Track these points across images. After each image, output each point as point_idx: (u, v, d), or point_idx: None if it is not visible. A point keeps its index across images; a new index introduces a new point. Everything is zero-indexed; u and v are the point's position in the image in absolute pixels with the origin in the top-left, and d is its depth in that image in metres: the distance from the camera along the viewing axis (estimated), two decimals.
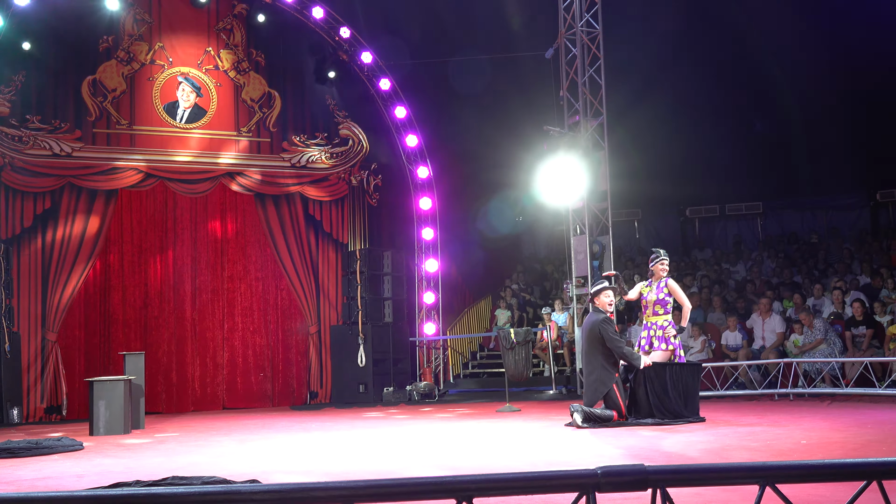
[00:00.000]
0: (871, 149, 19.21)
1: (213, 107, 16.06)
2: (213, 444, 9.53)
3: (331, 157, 16.83)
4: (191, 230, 15.89)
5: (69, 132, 15.02)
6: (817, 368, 12.89)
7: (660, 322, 10.22)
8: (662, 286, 10.24)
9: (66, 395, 14.56)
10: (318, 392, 16.36)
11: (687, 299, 10.41)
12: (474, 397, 15.79)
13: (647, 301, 10.33)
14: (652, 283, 10.37)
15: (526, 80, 18.06)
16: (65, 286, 14.67)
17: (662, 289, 10.22)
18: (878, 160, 19.33)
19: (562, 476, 2.19)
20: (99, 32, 15.40)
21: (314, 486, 2.15)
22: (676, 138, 19.11)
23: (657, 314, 10.26)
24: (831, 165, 19.87)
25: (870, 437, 7.64)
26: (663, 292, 10.21)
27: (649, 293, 10.32)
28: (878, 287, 14.90)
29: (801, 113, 18.77)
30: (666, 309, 10.22)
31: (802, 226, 20.93)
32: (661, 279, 10.28)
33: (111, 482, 6.13)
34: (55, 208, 14.87)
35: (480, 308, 19.10)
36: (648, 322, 10.35)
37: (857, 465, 2.22)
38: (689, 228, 21.92)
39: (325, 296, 16.62)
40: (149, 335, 15.41)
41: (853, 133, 18.98)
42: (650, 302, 10.29)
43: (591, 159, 14.66)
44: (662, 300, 10.21)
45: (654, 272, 10.38)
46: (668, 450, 7.44)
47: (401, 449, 8.33)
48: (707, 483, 2.24)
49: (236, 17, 16.42)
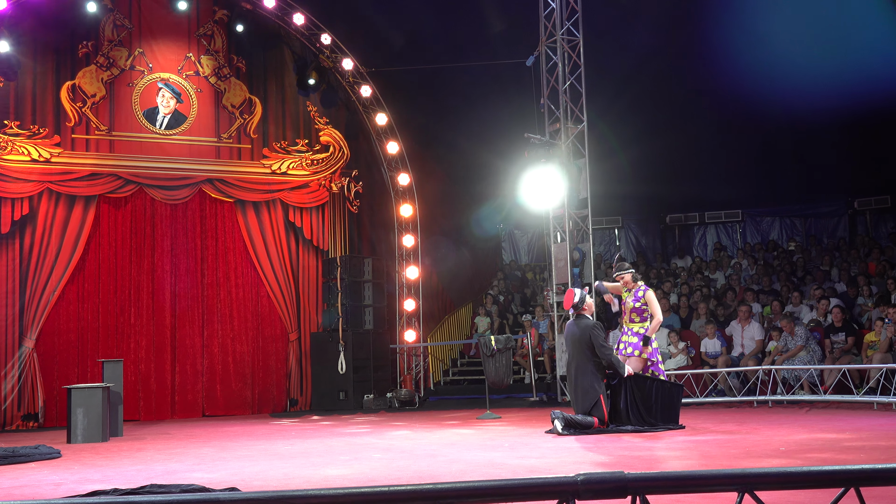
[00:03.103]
0: (849, 157, 19.36)
1: (193, 113, 16.01)
2: (191, 451, 9.47)
3: (311, 164, 16.81)
4: (170, 237, 15.80)
5: (48, 138, 14.93)
6: (796, 375, 12.97)
7: (635, 329, 10.29)
8: (640, 295, 10.29)
9: (44, 403, 14.43)
10: (298, 399, 16.30)
11: (660, 312, 10.42)
12: (455, 404, 15.77)
13: (626, 307, 10.41)
14: (629, 290, 10.42)
15: (507, 87, 18.10)
16: (43, 292, 14.57)
17: (640, 298, 10.28)
18: (856, 168, 19.50)
19: (541, 484, 2.19)
20: (78, 38, 15.33)
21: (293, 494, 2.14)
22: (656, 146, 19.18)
23: (633, 321, 10.33)
24: (810, 174, 20.03)
25: (848, 444, 7.69)
26: (640, 301, 10.26)
27: (628, 299, 10.40)
28: (853, 296, 15.03)
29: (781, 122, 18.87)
30: (642, 317, 10.28)
31: (781, 233, 21.09)
32: (636, 287, 10.35)
33: (89, 490, 6.09)
34: (33, 214, 14.77)
35: (461, 315, 19.10)
36: (626, 327, 10.43)
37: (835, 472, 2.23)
38: (670, 235, 22.01)
39: (306, 302, 16.58)
40: (127, 342, 15.30)
41: (832, 141, 19.12)
42: (627, 309, 10.38)
43: (571, 167, 14.71)
44: (639, 309, 10.27)
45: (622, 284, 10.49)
46: (647, 457, 7.46)
47: (380, 457, 8.30)
48: (686, 490, 2.25)
49: (217, 23, 16.38)
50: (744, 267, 18.51)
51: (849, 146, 19.23)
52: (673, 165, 19.71)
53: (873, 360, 12.44)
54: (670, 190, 20.61)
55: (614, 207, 20.83)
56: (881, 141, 19.03)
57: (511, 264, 21.93)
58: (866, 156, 19.26)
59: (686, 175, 20.15)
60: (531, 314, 17.61)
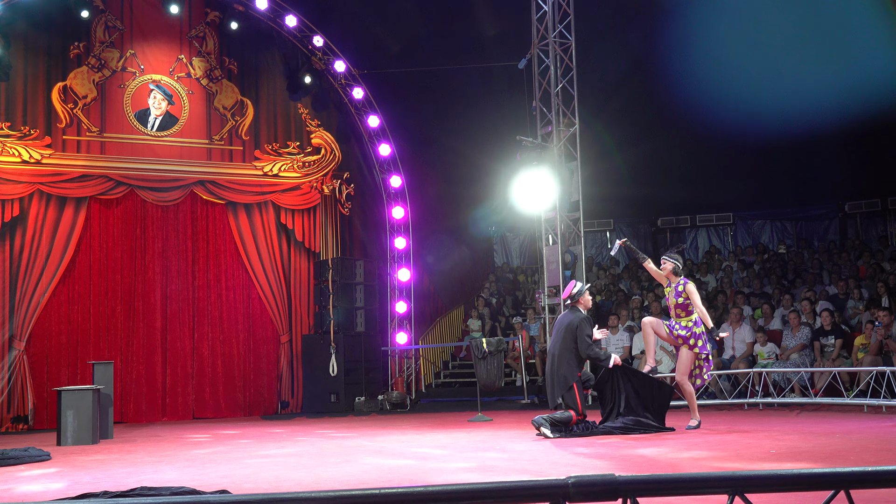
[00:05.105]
0: (840, 161, 19.42)
1: (184, 114, 15.98)
2: (182, 454, 9.44)
3: (303, 166, 16.80)
4: (161, 238, 15.76)
5: (39, 139, 14.89)
6: (787, 378, 13.01)
7: (683, 323, 10.07)
8: (680, 290, 10.07)
9: (34, 405, 14.37)
10: (289, 402, 16.27)
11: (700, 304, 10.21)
12: (446, 407, 15.77)
13: (669, 304, 10.23)
14: (670, 283, 10.21)
15: (499, 90, 18.13)
16: (33, 294, 14.52)
17: (681, 293, 10.07)
18: (846, 172, 19.57)
19: (532, 486, 2.19)
20: (70, 39, 15.30)
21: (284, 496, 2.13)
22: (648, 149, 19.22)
23: (680, 316, 10.10)
24: (801, 177, 20.09)
25: (838, 447, 7.70)
26: (682, 296, 10.07)
27: (670, 295, 10.20)
28: (843, 297, 15.08)
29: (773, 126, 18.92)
30: (687, 311, 10.04)
31: (773, 236, 21.15)
32: (677, 282, 10.22)
33: (79, 493, 6.06)
34: (24, 216, 14.72)
35: (453, 317, 19.10)
36: (674, 322, 10.16)
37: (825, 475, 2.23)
38: (661, 238, 22.05)
39: (297, 305, 16.56)
40: (118, 344, 15.24)
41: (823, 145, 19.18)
42: (671, 305, 10.18)
43: (563, 169, 14.73)
44: (683, 304, 10.05)
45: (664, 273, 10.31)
46: (638, 459, 7.46)
47: (371, 459, 8.29)
48: (677, 492, 2.25)
49: (209, 25, 16.36)
50: (735, 270, 18.55)
51: (840, 150, 19.28)
52: (664, 168, 19.75)
53: (863, 362, 12.48)
54: (662, 193, 20.66)
55: (606, 210, 20.86)
56: (872, 145, 19.11)
57: (503, 267, 21.95)
58: (857, 159, 19.33)
59: (677, 178, 20.20)
60: (523, 317, 17.62)
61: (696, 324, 10.05)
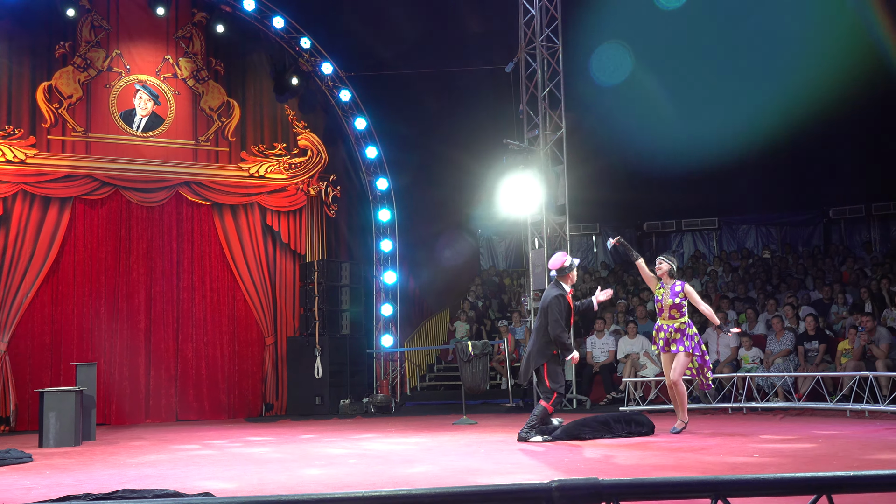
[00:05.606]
0: (823, 166, 19.54)
1: (170, 115, 15.93)
2: (165, 456, 9.41)
3: (289, 168, 16.77)
4: (147, 239, 15.69)
5: (23, 138, 14.80)
6: (771, 382, 13.06)
7: (676, 325, 10.03)
8: (678, 290, 10.03)
9: (16, 406, 14.28)
10: (273, 404, 16.22)
11: (703, 302, 10.23)
12: (431, 410, 15.76)
13: (663, 304, 10.12)
14: (664, 284, 10.17)
15: (486, 93, 18.15)
16: (16, 295, 14.43)
17: (678, 293, 10.04)
18: (830, 178, 19.68)
19: (516, 490, 2.19)
20: (56, 38, 15.21)
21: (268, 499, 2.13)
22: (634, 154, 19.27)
23: (673, 317, 10.05)
24: (786, 182, 20.20)
25: (821, 451, 7.74)
26: (679, 296, 10.04)
27: (664, 296, 10.12)
28: (827, 302, 15.17)
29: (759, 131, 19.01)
30: (682, 312, 10.03)
31: (757, 241, 21.26)
32: (672, 282, 10.20)
33: (60, 495, 6.03)
34: (7, 216, 14.63)
35: (438, 320, 19.10)
36: (665, 325, 10.11)
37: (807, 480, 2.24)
38: (647, 242, 22.12)
39: (283, 307, 16.52)
40: (101, 345, 15.15)
41: (807, 151, 19.29)
42: (666, 305, 10.09)
43: (549, 173, 14.75)
44: (678, 304, 10.02)
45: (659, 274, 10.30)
46: (622, 463, 7.48)
47: (355, 462, 8.28)
48: (660, 497, 2.26)
49: (196, 26, 16.31)
50: (720, 274, 18.62)
51: (824, 156, 19.40)
52: (650, 173, 19.80)
53: (846, 367, 12.55)
54: (647, 197, 20.71)
55: (592, 214, 20.92)
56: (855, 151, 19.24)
57: (489, 270, 21.98)
58: (841, 166, 19.44)
59: (663, 183, 20.25)
60: (508, 320, 17.63)
61: (689, 325, 10.07)
